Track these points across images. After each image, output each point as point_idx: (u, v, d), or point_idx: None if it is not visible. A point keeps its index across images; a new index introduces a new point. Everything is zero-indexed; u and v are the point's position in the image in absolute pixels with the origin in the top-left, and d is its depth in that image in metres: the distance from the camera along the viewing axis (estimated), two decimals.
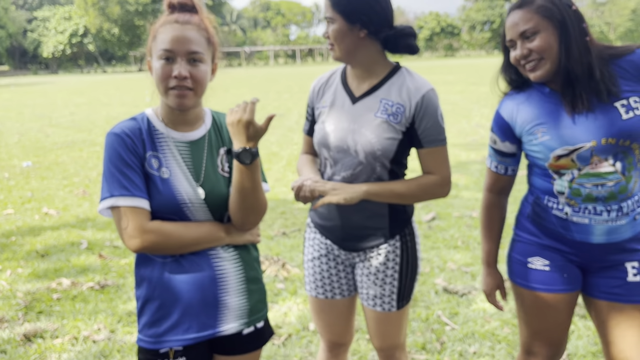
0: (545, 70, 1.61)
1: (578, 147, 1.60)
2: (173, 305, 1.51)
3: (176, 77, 1.44)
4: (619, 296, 1.71)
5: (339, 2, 1.69)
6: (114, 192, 1.43)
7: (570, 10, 1.60)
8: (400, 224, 1.86)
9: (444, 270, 3.88)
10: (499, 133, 1.79)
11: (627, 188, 1.62)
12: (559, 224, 1.72)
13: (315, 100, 1.91)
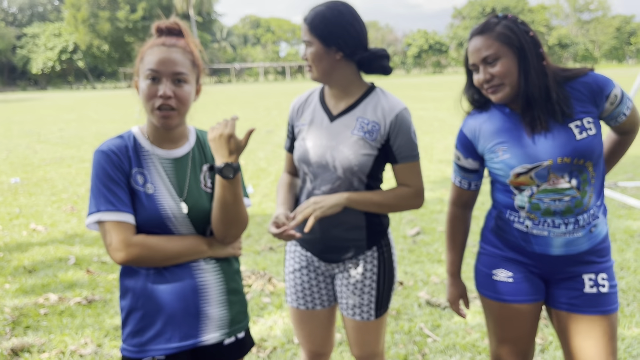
0: (505, 93, 1.70)
1: (536, 166, 1.68)
2: (156, 315, 1.57)
3: (161, 96, 1.51)
4: (577, 307, 1.78)
5: (316, 27, 1.78)
6: (101, 207, 1.50)
7: (528, 36, 1.69)
8: (377, 236, 1.94)
9: (427, 284, 3.96)
10: (463, 150, 1.88)
11: (582, 202, 1.71)
12: (520, 237, 1.80)
13: (295, 118, 1.99)
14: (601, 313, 1.76)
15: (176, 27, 1.62)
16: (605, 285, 1.77)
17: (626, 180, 7.16)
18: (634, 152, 9.13)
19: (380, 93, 1.89)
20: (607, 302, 1.76)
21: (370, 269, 1.95)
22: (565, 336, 1.83)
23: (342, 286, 1.98)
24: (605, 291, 1.76)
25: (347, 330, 2.04)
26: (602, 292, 1.76)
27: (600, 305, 1.76)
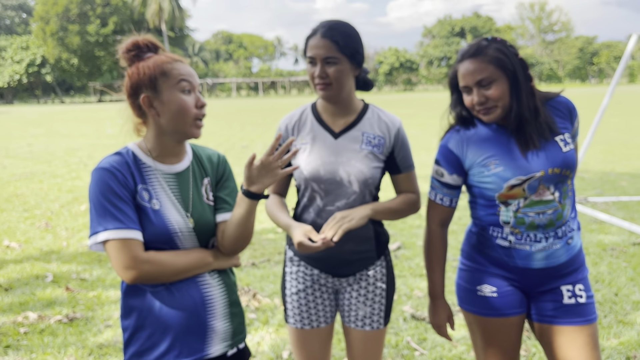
0: (497, 115, 1.76)
1: (529, 177, 1.75)
2: (164, 333, 1.56)
3: (202, 106, 1.58)
4: (557, 318, 1.83)
5: (346, 45, 1.82)
6: (108, 226, 1.47)
7: (517, 59, 1.76)
8: (383, 246, 2.01)
9: (411, 298, 4.01)
10: (447, 166, 1.88)
11: (562, 215, 1.78)
12: (503, 252, 1.84)
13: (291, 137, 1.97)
14: (581, 323, 1.81)
15: (155, 43, 1.62)
16: (582, 296, 1.83)
17: (595, 195, 7.40)
18: (601, 168, 9.46)
19: (376, 109, 1.98)
20: (586, 312, 1.82)
21: (380, 278, 2.00)
22: (549, 348, 1.87)
23: (350, 299, 2.00)
24: (583, 301, 1.83)
25: (352, 344, 2.05)
26: (581, 303, 1.82)
27: (580, 316, 1.82)
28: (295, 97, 65.20)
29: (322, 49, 1.82)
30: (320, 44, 1.82)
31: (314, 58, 1.84)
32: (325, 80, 1.83)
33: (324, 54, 1.82)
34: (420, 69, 79.83)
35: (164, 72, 1.55)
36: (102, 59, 63.91)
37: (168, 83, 1.54)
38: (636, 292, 3.95)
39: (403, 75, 78.28)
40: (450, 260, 4.78)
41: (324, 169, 1.89)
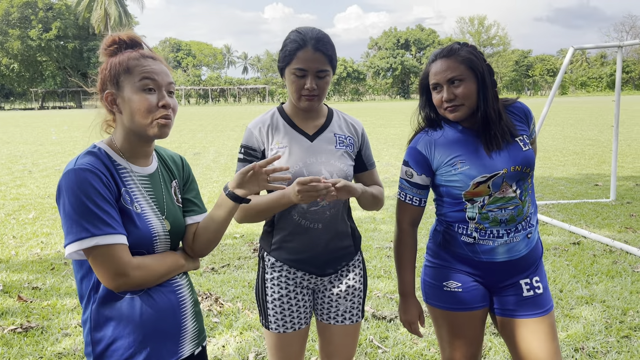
0: (462, 113, 1.88)
1: (494, 175, 1.87)
2: (146, 339, 1.51)
3: (164, 106, 1.48)
4: (517, 312, 1.95)
5: (334, 57, 1.89)
6: (95, 231, 1.37)
7: (485, 64, 1.90)
8: (358, 241, 2.11)
9: (371, 298, 4.11)
10: (416, 167, 1.96)
11: (522, 211, 1.92)
12: (467, 249, 1.93)
13: (265, 142, 1.98)
14: (540, 314, 1.93)
15: (137, 39, 1.58)
16: (540, 287, 1.96)
17: (537, 199, 7.79)
18: (541, 174, 9.96)
19: (339, 112, 2.10)
20: (543, 302, 1.95)
21: (359, 272, 2.10)
22: (511, 341, 1.97)
23: (332, 296, 2.07)
24: (540, 292, 1.96)
25: (331, 339, 2.10)
26: (538, 294, 1.95)
27: (538, 307, 1.93)
28: (245, 105, 64.80)
29: (316, 63, 1.84)
30: (315, 57, 1.84)
31: (306, 71, 1.85)
32: (314, 93, 1.88)
33: (317, 68, 1.85)
34: (367, 79, 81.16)
35: (127, 68, 1.49)
36: (44, 64, 61.44)
37: (130, 80, 1.48)
38: (579, 288, 4.22)
39: (351, 85, 79.30)
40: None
41: (307, 170, 1.93)
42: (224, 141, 17.15)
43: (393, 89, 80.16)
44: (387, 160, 12.09)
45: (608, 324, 3.58)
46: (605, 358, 3.13)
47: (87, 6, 64.58)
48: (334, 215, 1.99)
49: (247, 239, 5.88)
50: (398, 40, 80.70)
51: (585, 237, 5.66)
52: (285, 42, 1.91)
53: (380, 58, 79.66)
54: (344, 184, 1.78)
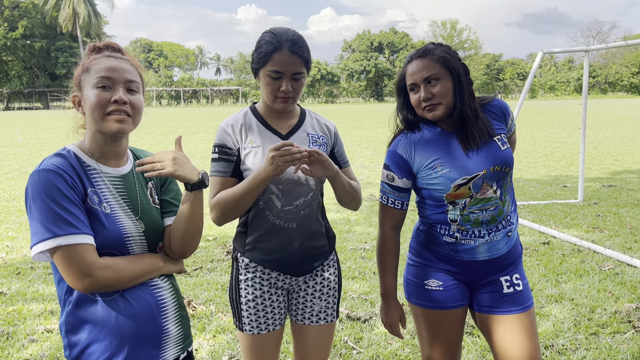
0: (441, 112, 1.88)
1: (474, 176, 1.88)
2: (122, 343, 1.49)
3: (116, 101, 1.46)
4: (498, 308, 1.97)
5: (309, 60, 1.89)
6: (58, 232, 1.37)
7: (460, 63, 1.92)
8: (332, 240, 2.10)
9: (346, 299, 4.11)
10: (397, 170, 1.96)
11: (503, 211, 1.94)
12: (449, 248, 1.95)
13: (240, 141, 1.96)
14: (520, 311, 1.95)
15: (115, 45, 1.61)
16: (519, 284, 1.98)
17: None
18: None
19: (311, 112, 2.09)
20: (523, 299, 1.97)
21: (333, 272, 2.09)
22: (491, 338, 1.99)
23: (306, 296, 2.05)
24: (520, 289, 1.98)
25: (306, 340, 2.09)
26: (518, 290, 1.97)
27: (518, 304, 1.95)
28: (218, 106, 64.29)
29: (292, 65, 1.84)
30: (291, 60, 1.83)
31: (282, 73, 1.84)
32: (289, 95, 1.88)
33: (293, 70, 1.85)
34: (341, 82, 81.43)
35: (87, 68, 1.51)
36: (10, 64, 59.90)
37: (88, 79, 1.50)
38: (549, 287, 4.30)
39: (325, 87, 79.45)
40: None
41: None
42: (196, 143, 16.97)
43: (367, 91, 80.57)
44: (362, 163, 12.15)
45: (577, 321, 3.66)
46: (574, 355, 3.20)
47: (54, 5, 63.19)
48: (308, 214, 1.98)
49: (220, 241, 5.82)
50: (372, 43, 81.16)
51: (554, 237, 5.78)
52: (260, 44, 1.88)
53: (354, 61, 79.98)
54: (321, 155, 1.78)
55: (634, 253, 5.18)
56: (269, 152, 1.74)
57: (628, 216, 6.68)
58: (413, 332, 3.51)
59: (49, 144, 17.16)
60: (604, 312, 3.80)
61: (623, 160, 11.93)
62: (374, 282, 4.48)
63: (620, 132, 19.10)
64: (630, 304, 3.90)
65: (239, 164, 1.95)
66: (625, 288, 4.25)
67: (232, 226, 6.41)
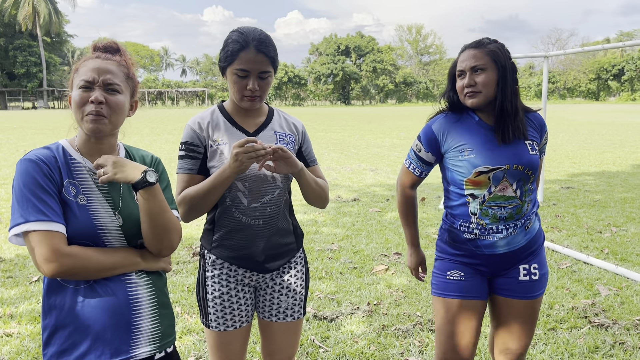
0: (479, 100, 2.01)
1: (496, 168, 1.99)
2: (85, 332, 1.51)
3: (92, 101, 1.52)
4: (511, 292, 2.12)
5: (275, 59, 1.91)
6: (30, 218, 1.43)
7: (509, 61, 2.03)
8: (300, 238, 2.12)
9: (312, 299, 4.14)
10: (426, 144, 2.13)
11: (521, 210, 2.05)
12: (470, 244, 2.09)
13: (207, 138, 1.96)
14: (530, 298, 2.12)
15: (114, 45, 1.66)
16: (536, 274, 2.13)
17: None
18: None
19: (279, 111, 2.12)
20: (535, 288, 2.13)
21: (300, 269, 2.11)
22: (497, 316, 2.20)
23: (273, 293, 2.06)
24: (536, 278, 2.13)
25: (273, 337, 2.10)
26: (534, 279, 2.12)
27: (529, 292, 2.12)
28: (184, 108, 63.51)
29: (258, 64, 1.85)
30: (257, 58, 1.85)
31: (249, 72, 1.86)
32: (256, 93, 1.89)
33: (260, 69, 1.86)
34: (309, 85, 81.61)
35: (76, 70, 1.59)
36: None
37: (75, 81, 1.57)
38: None
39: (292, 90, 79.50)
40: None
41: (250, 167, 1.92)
42: (161, 145, 16.74)
43: (334, 94, 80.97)
44: (329, 165, 12.21)
45: None
46: (534, 349, 3.30)
47: (13, 3, 61.34)
48: (275, 212, 1.99)
49: (185, 243, 5.77)
50: (339, 47, 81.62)
51: None
52: (227, 42, 1.89)
53: (321, 64, 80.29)
54: (285, 152, 1.82)
55: (590, 252, 5.37)
56: (232, 149, 1.77)
57: (585, 216, 6.93)
58: (379, 330, 3.56)
59: (7, 145, 16.64)
60: (562, 308, 3.93)
61: (580, 163, 12.36)
62: (341, 282, 4.53)
63: (578, 136, 19.77)
64: (586, 300, 4.05)
65: (205, 161, 1.96)
66: (582, 285, 4.41)
67: (198, 228, 6.35)
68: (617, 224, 6.50)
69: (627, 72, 75.43)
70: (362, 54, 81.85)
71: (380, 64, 79.67)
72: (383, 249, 5.51)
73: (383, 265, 4.93)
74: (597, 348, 3.31)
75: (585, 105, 64.37)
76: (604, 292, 4.23)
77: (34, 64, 62.20)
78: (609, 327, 3.59)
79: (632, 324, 3.64)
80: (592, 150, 15.05)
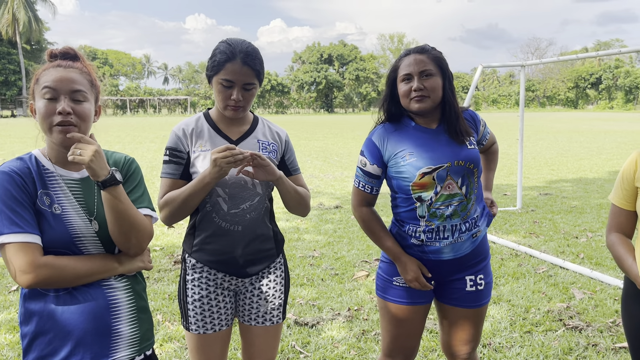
0: (427, 104, 2.05)
1: (439, 167, 2.04)
2: (65, 337, 1.53)
3: (60, 113, 1.52)
4: (458, 302, 2.19)
5: (261, 71, 1.95)
6: (4, 230, 1.45)
7: (449, 70, 2.13)
8: (281, 244, 2.16)
9: (294, 306, 4.17)
10: (369, 156, 2.13)
11: (467, 207, 2.09)
12: (417, 249, 2.11)
13: (190, 144, 2.01)
14: (476, 307, 2.19)
15: (71, 51, 1.66)
16: (482, 284, 2.18)
17: None
18: None
19: (264, 120, 2.16)
20: (481, 297, 2.19)
21: (280, 274, 2.15)
22: (445, 324, 2.26)
23: (252, 297, 2.10)
24: (481, 288, 2.18)
25: (252, 340, 2.13)
26: (479, 290, 2.17)
27: (476, 301, 2.18)
28: (166, 116, 63.11)
29: (243, 76, 1.91)
30: (242, 70, 1.90)
31: (233, 82, 1.91)
32: (240, 104, 1.95)
33: (244, 81, 1.91)
34: (292, 93, 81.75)
35: (37, 79, 1.59)
36: None
37: (37, 90, 1.57)
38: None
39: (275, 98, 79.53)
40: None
41: (229, 174, 1.96)
42: (143, 153, 16.64)
43: (317, 102, 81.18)
44: (312, 172, 12.26)
45: (512, 321, 3.85)
46: (510, 352, 3.37)
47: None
48: (255, 218, 2.03)
49: (167, 251, 5.76)
50: (321, 55, 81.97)
51: (494, 242, 6.04)
52: (215, 52, 1.95)
53: (304, 72, 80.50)
54: (263, 160, 1.86)
55: (566, 257, 5.49)
56: (211, 154, 1.82)
57: (562, 222, 7.06)
58: (359, 335, 3.60)
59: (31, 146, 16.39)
60: (538, 311, 4.02)
61: (559, 170, 12.59)
62: (322, 288, 4.56)
63: (557, 143, 20.11)
64: (561, 304, 4.14)
65: (188, 166, 2.01)
66: (558, 289, 4.50)
67: (180, 236, 6.34)
68: (592, 230, 6.64)
69: (605, 80, 77.04)
70: (345, 63, 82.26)
71: (363, 72, 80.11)
72: (364, 255, 5.57)
73: (364, 272, 4.98)
74: (570, 350, 3.39)
75: (564, 113, 65.49)
76: (578, 295, 4.33)
77: (12, 71, 61.35)
78: (583, 329, 3.68)
79: (605, 326, 3.73)
80: (570, 157, 15.33)
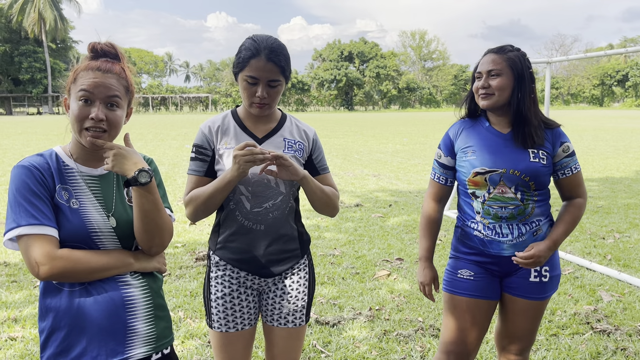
0: (492, 102, 2.11)
1: (492, 170, 2.08)
2: (81, 333, 1.54)
3: (92, 118, 1.56)
4: (521, 292, 2.18)
5: (287, 68, 1.93)
6: (21, 222, 1.47)
7: (528, 70, 2.11)
8: (306, 245, 2.13)
9: (314, 305, 4.15)
10: (444, 149, 2.27)
11: (524, 212, 2.10)
12: (479, 243, 2.17)
13: (215, 142, 2.01)
14: (538, 299, 2.18)
15: (113, 51, 1.67)
16: (547, 276, 2.17)
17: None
18: None
19: (292, 118, 2.13)
20: (544, 290, 2.18)
21: (303, 276, 2.11)
22: (505, 313, 2.26)
23: (275, 297, 2.08)
24: (546, 280, 2.17)
25: (275, 342, 2.12)
26: (544, 281, 2.17)
27: (538, 293, 2.17)
28: (188, 114, 63.73)
29: (268, 72, 1.89)
30: (267, 67, 1.88)
31: (258, 79, 1.89)
32: (264, 101, 1.93)
33: (269, 77, 1.90)
34: (312, 90, 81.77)
35: (75, 79, 1.61)
36: None
37: (74, 89, 1.60)
38: None
39: (295, 96, 79.65)
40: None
41: (252, 172, 1.95)
42: (164, 150, 16.80)
43: (337, 100, 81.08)
44: (332, 170, 12.22)
45: None
46: (536, 355, 3.30)
47: (20, 9, 61.77)
48: (278, 217, 2.01)
49: (188, 248, 5.79)
50: (342, 53, 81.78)
51: None
52: (241, 49, 1.94)
53: (324, 70, 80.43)
54: (285, 160, 1.84)
55: (593, 258, 5.37)
56: (232, 152, 1.80)
57: (588, 222, 6.92)
58: (381, 336, 3.57)
59: (12, 150, 16.72)
60: (564, 314, 3.93)
61: (584, 168, 12.34)
62: (343, 287, 4.54)
63: (582, 142, 19.75)
64: (588, 306, 4.05)
65: (213, 164, 2.01)
66: (584, 291, 4.41)
67: (202, 233, 6.38)
68: (620, 230, 6.49)
69: (631, 77, 75.37)
70: (366, 60, 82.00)
71: (383, 69, 79.80)
72: (385, 254, 5.52)
73: (385, 271, 4.94)
74: (599, 354, 3.31)
75: (589, 111, 64.31)
76: (606, 298, 4.23)
77: (38, 70, 62.56)
78: (611, 333, 3.59)
79: (635, 330, 3.64)
80: (595, 156, 15.04)
